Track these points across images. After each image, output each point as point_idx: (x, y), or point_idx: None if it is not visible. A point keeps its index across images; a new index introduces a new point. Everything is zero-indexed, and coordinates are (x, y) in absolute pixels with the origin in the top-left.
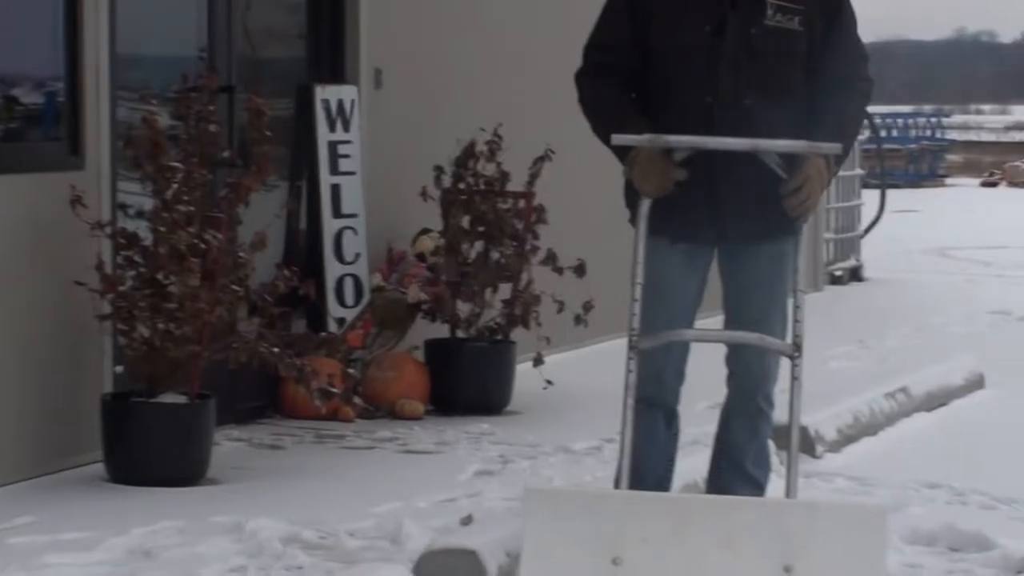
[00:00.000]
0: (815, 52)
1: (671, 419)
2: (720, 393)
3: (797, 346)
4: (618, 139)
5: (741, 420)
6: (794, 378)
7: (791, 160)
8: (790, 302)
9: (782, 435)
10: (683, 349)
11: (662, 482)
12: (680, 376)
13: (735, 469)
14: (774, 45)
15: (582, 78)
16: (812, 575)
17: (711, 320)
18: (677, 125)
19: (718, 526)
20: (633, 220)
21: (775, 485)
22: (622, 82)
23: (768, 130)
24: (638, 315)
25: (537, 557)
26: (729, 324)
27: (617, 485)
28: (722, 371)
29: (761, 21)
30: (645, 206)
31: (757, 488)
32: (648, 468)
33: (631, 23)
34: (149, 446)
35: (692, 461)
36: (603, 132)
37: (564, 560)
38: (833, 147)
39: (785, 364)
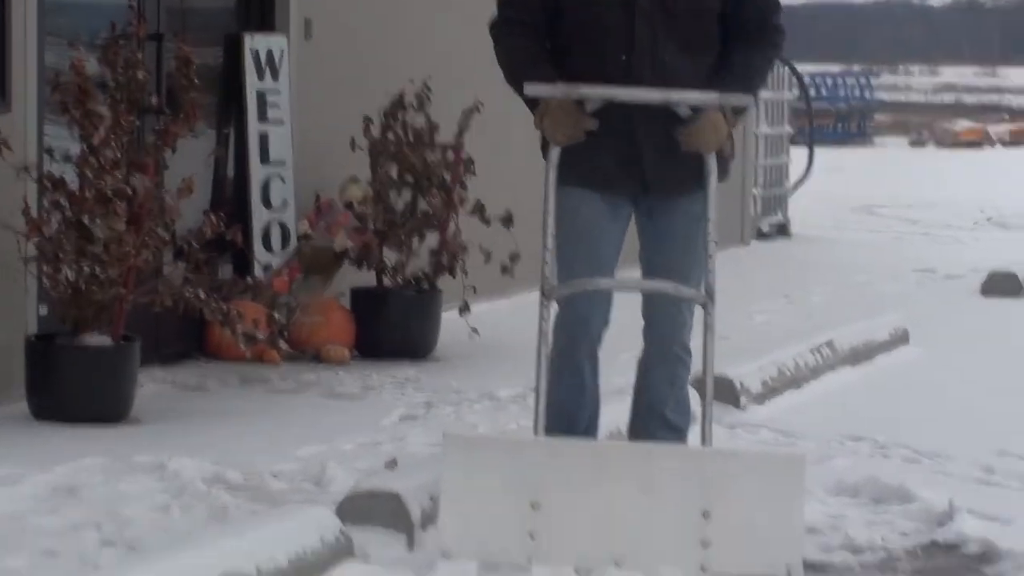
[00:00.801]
0: (729, 4)
1: (595, 366)
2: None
3: (710, 295)
4: (531, 89)
5: (659, 369)
6: (707, 327)
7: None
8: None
9: (715, 385)
10: (608, 297)
11: (590, 428)
12: (605, 323)
13: (656, 417)
14: (691, 16)
15: (495, 29)
16: (730, 521)
17: (628, 274)
18: (592, 77)
19: (637, 472)
20: (546, 171)
21: (698, 435)
22: (534, 33)
23: (685, 83)
24: (551, 264)
25: (456, 502)
26: (650, 265)
27: (536, 432)
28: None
29: None
30: (555, 155)
31: (678, 434)
32: (578, 415)
33: None
34: (73, 386)
35: (615, 409)
36: (516, 81)
37: (483, 505)
38: (743, 99)
39: (699, 314)
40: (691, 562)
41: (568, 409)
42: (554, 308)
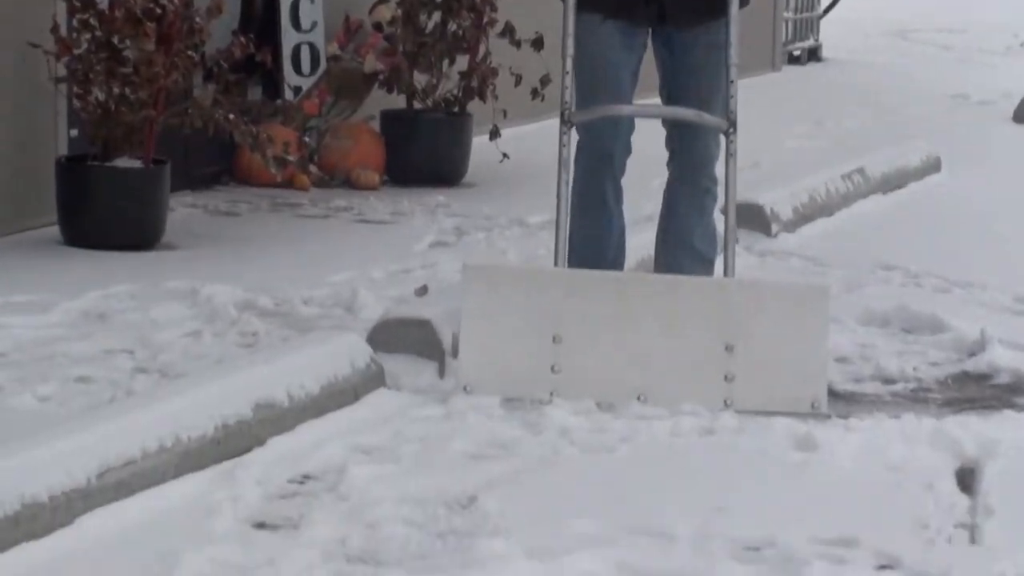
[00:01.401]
0: None
1: (619, 195)
2: None
3: (732, 123)
4: None
5: (686, 200)
6: (729, 155)
7: None
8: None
9: (737, 213)
10: (630, 124)
11: (618, 257)
12: (627, 151)
13: (684, 247)
14: None
15: None
16: (753, 354)
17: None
18: None
19: (659, 305)
20: None
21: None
22: None
23: None
24: (571, 88)
25: (476, 336)
26: (673, 92)
27: (556, 263)
28: None
29: None
30: None
31: (706, 263)
32: (605, 244)
33: None
34: (104, 210)
35: (646, 237)
36: None
37: (504, 339)
38: None
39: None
40: (715, 397)
41: (594, 238)
42: (575, 137)
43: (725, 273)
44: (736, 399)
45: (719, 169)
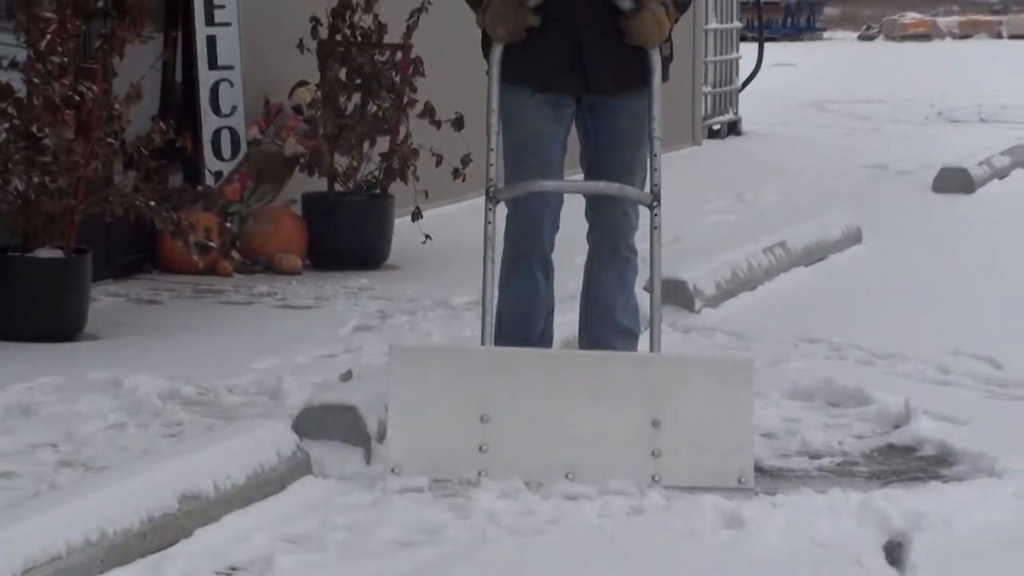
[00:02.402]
0: None
1: (548, 271)
2: None
3: (656, 195)
4: None
5: (607, 271)
6: (653, 228)
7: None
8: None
9: (665, 291)
10: (558, 200)
11: (545, 335)
12: (555, 227)
13: (607, 321)
14: None
15: None
16: (680, 428)
17: (570, 177)
18: None
19: (586, 381)
20: (487, 70)
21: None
22: None
23: None
24: (496, 164)
25: (404, 416)
26: (595, 166)
27: (483, 341)
28: None
29: None
30: (497, 51)
31: (630, 337)
32: (532, 324)
33: None
34: (25, 301)
35: (572, 316)
36: None
37: (431, 419)
38: None
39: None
40: (642, 472)
41: (522, 316)
42: (504, 212)
43: (651, 348)
44: (664, 474)
45: (643, 243)
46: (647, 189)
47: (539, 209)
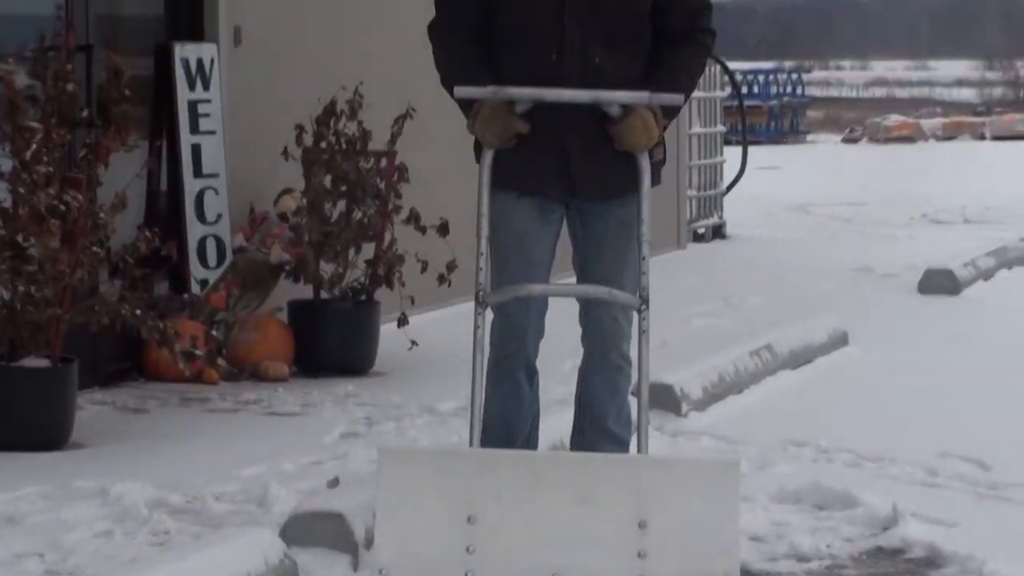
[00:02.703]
0: (662, 5)
1: (532, 376)
2: None
3: (644, 299)
4: (461, 91)
5: (599, 378)
6: (642, 331)
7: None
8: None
9: (652, 395)
10: (542, 304)
11: (529, 441)
12: (540, 332)
13: (598, 428)
14: (620, 9)
15: (433, 32)
16: (666, 531)
17: (561, 280)
18: (523, 79)
19: (572, 483)
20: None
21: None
22: (470, 36)
23: (614, 84)
24: (484, 269)
25: (392, 519)
26: (584, 270)
27: (471, 444)
28: None
29: None
30: (488, 157)
31: (621, 445)
32: (516, 428)
33: None
34: (11, 411)
35: (558, 420)
36: (449, 85)
37: (419, 521)
38: (674, 98)
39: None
40: (628, 574)
41: (507, 421)
42: (489, 317)
43: (639, 451)
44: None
45: (633, 348)
46: (637, 293)
47: (523, 315)
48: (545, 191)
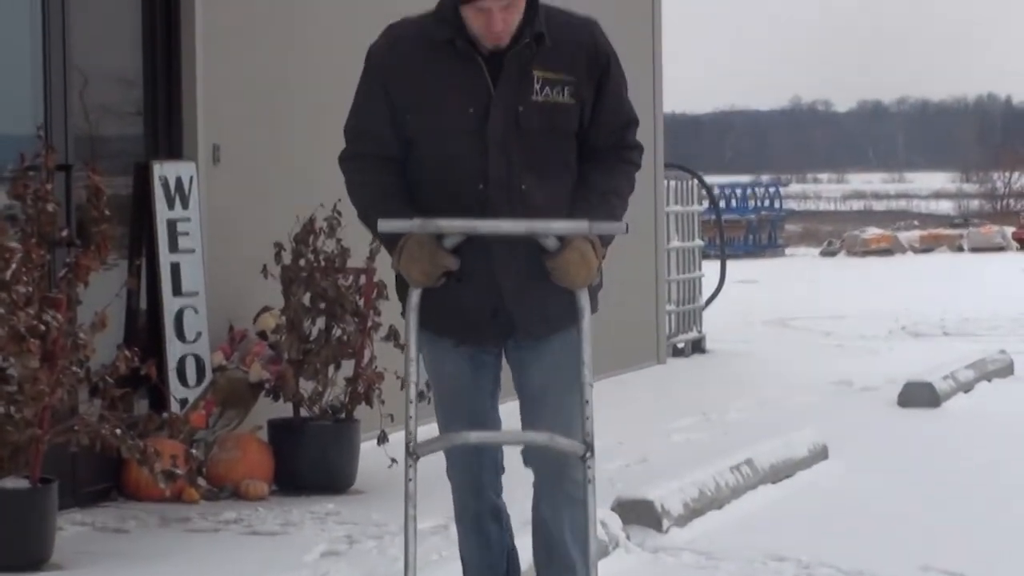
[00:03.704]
0: (584, 121)
1: (499, 517)
2: None
3: (588, 445)
4: (385, 225)
5: (551, 510)
6: (587, 481)
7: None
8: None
9: (628, 509)
10: (493, 450)
11: (511, 569)
12: (497, 471)
13: (554, 557)
14: (545, 121)
15: (344, 164)
16: None
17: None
18: (448, 211)
19: None
20: (404, 312)
21: (620, 560)
22: (385, 167)
23: (545, 212)
24: (414, 418)
25: None
26: (525, 414)
27: None
28: None
29: (528, 97)
30: (415, 296)
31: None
32: (493, 561)
33: (388, 109)
34: None
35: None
36: (369, 219)
37: None
38: (615, 227)
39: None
40: None
41: (479, 567)
42: (425, 465)
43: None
44: None
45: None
46: (581, 436)
47: (475, 464)
48: (478, 337)
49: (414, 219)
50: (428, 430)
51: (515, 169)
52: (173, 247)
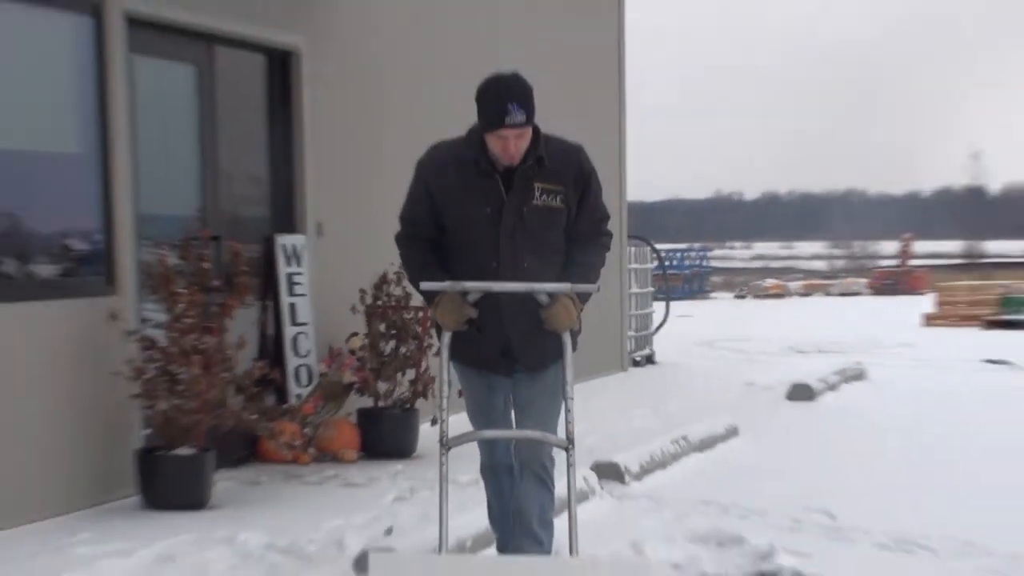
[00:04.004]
0: (571, 217)
1: (510, 471)
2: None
3: (571, 440)
4: (426, 285)
5: (525, 484)
6: (569, 465)
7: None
8: (563, 404)
9: (601, 469)
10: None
11: (513, 532)
12: (509, 454)
13: (523, 527)
14: (542, 219)
15: (399, 241)
16: None
17: None
18: (470, 277)
19: None
20: (438, 350)
21: (596, 504)
22: (427, 245)
23: (541, 279)
24: (447, 421)
25: None
26: (518, 418)
27: (440, 551)
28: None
29: (530, 202)
30: (447, 337)
31: (540, 546)
32: (504, 514)
33: (430, 204)
34: (169, 484)
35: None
36: (415, 281)
37: None
38: (588, 288)
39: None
40: None
41: (497, 509)
42: (456, 454)
43: (570, 551)
44: None
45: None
46: (563, 433)
47: (502, 452)
48: (492, 369)
49: (447, 282)
50: (457, 419)
51: (519, 251)
52: (291, 292)
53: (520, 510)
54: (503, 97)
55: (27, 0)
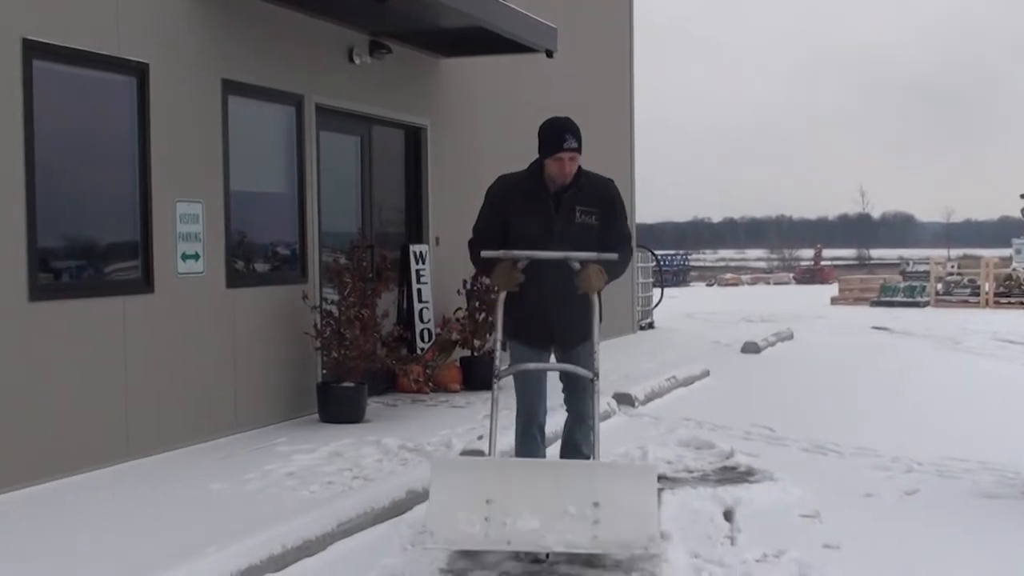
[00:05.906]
0: (603, 228)
1: (542, 430)
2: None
3: (596, 374)
4: (485, 253)
5: (576, 431)
6: (595, 392)
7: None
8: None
9: (619, 398)
10: (543, 394)
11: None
12: (546, 411)
13: (577, 452)
14: (581, 232)
15: (470, 244)
16: (611, 505)
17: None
18: (525, 272)
19: (552, 478)
20: (494, 308)
21: (615, 420)
22: (494, 245)
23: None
24: (498, 360)
25: (438, 502)
26: (563, 360)
27: (490, 453)
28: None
29: (573, 220)
30: (502, 297)
31: (585, 459)
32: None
33: (497, 220)
34: (338, 406)
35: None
36: (477, 259)
37: (455, 502)
38: (609, 256)
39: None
40: (587, 534)
41: (529, 456)
42: (503, 385)
43: (595, 452)
44: (600, 535)
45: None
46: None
47: (534, 401)
48: (536, 341)
49: (500, 251)
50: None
51: (563, 249)
52: (418, 281)
53: (573, 444)
54: (561, 129)
55: (260, 98)
